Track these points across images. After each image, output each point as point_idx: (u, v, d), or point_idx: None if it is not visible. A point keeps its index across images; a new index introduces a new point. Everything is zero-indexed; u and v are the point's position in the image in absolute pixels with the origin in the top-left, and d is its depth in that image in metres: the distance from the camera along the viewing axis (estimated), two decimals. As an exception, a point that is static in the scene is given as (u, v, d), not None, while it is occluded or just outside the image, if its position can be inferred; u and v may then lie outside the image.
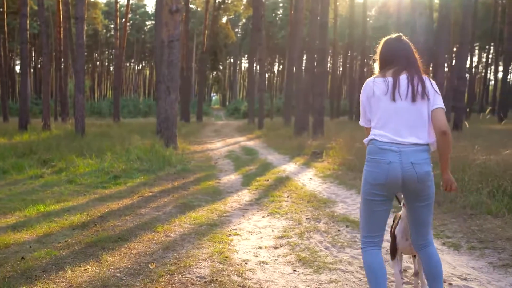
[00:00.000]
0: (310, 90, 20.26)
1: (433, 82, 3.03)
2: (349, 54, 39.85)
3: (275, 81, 75.60)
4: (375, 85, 3.00)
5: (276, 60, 75.23)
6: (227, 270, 4.06)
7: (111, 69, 75.72)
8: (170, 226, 5.56)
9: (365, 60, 35.42)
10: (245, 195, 7.90)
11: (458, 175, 7.38)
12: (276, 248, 4.85)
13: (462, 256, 4.60)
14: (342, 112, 44.18)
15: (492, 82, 52.30)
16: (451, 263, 4.38)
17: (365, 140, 3.06)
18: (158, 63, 21.55)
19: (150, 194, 7.86)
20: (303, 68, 22.62)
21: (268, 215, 6.38)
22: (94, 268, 4.01)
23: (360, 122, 3.19)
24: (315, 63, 19.18)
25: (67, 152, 12.36)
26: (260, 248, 4.84)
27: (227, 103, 73.67)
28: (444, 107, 2.96)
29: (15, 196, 7.68)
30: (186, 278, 3.82)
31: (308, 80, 20.07)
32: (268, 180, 9.34)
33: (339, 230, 5.48)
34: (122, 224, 5.72)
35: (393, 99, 2.93)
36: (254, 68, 31.93)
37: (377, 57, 3.16)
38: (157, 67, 22.25)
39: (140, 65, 76.57)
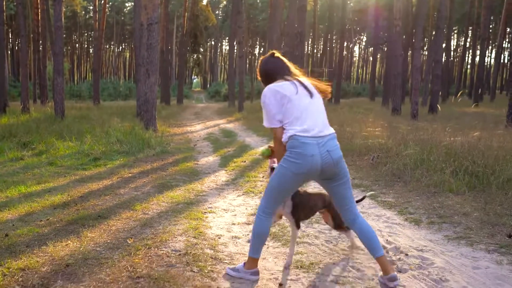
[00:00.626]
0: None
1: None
2: (329, 37, 40.08)
3: (256, 64, 75.52)
4: (282, 88, 3.38)
5: (257, 43, 75.16)
6: (201, 244, 4.34)
7: (91, 52, 74.94)
8: (148, 205, 5.81)
9: (345, 43, 35.69)
10: (222, 176, 8.16)
11: (424, 155, 7.76)
12: (248, 224, 5.13)
13: (421, 230, 4.93)
14: (322, 95, 44.40)
15: (470, 66, 53.13)
16: (410, 236, 4.71)
17: (285, 137, 3.34)
18: (138, 46, 21.55)
19: (130, 175, 8.08)
20: (282, 51, 22.77)
21: (243, 194, 6.66)
22: (75, 243, 4.25)
23: (265, 124, 3.47)
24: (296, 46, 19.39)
25: (47, 134, 12.46)
26: (233, 224, 5.13)
27: (208, 86, 73.57)
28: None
29: (-5, 178, 7.83)
30: (162, 252, 4.08)
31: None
32: (245, 161, 9.61)
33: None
34: (102, 203, 5.94)
35: (304, 98, 3.39)
36: (235, 51, 31.96)
37: (261, 75, 3.63)
38: (137, 49, 22.25)
39: (120, 48, 75.80)
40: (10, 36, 57.76)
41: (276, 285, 3.50)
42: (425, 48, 50.44)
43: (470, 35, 53.98)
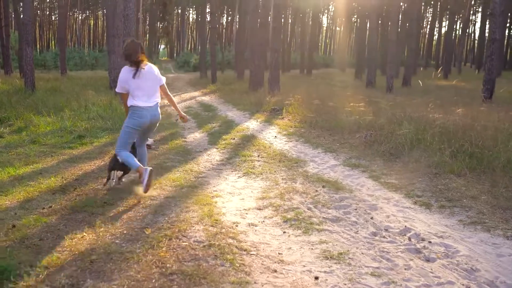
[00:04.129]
0: (266, 45, 20.25)
1: (155, 67, 5.48)
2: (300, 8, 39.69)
3: (223, 33, 74.41)
4: (127, 71, 5.26)
5: (225, 11, 73.88)
6: (221, 234, 4.22)
7: (53, 19, 72.19)
8: (152, 189, 5.63)
9: (320, 15, 35.41)
10: (215, 155, 8.01)
11: (421, 134, 7.78)
12: (260, 209, 5.03)
13: (434, 214, 4.94)
14: (292, 66, 44.40)
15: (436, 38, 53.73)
16: (425, 221, 4.71)
17: (129, 103, 5.34)
18: (111, 15, 20.84)
19: (121, 154, 7.82)
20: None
21: (243, 176, 6.54)
22: (91, 235, 4.06)
23: (117, 90, 5.44)
24: (270, 18, 19.13)
25: (23, 109, 11.97)
26: (245, 210, 5.02)
27: (175, 55, 72.20)
28: (164, 82, 5.56)
29: (-22, 158, 7.46)
30: (185, 243, 3.95)
31: (263, 35, 20.00)
32: (234, 139, 9.46)
33: (316, 191, 5.72)
34: (102, 187, 5.73)
35: (137, 79, 5.22)
36: (207, 20, 31.30)
37: (123, 54, 5.38)
38: (109, 19, 21.53)
39: (84, 15, 73.17)
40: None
41: (311, 278, 3.43)
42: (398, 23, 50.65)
43: (438, 8, 54.41)
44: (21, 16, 20.70)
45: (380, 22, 37.41)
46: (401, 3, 40.05)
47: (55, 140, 8.89)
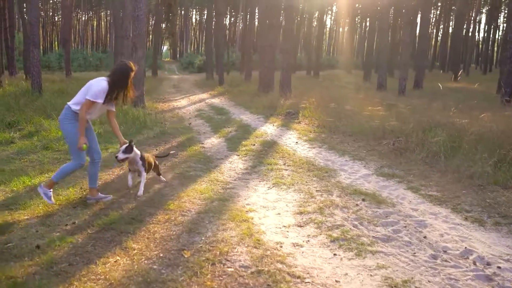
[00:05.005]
0: (276, 46, 19.86)
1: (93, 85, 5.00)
2: (306, 9, 39.31)
3: (227, 34, 73.96)
4: None
5: (227, 12, 73.47)
6: (267, 257, 3.82)
7: (56, 20, 71.78)
8: (180, 203, 5.23)
9: (324, 17, 35.05)
10: (238, 162, 7.61)
11: (457, 142, 7.38)
12: (301, 227, 4.63)
13: (490, 233, 4.54)
14: (298, 67, 43.99)
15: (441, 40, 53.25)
16: (484, 241, 4.31)
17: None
18: (119, 16, 20.47)
19: (139, 162, 7.43)
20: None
21: (273, 186, 6.14)
22: (124, 259, 3.66)
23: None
24: (282, 20, 18.74)
25: (32, 113, 11.59)
26: (285, 227, 4.61)
27: (177, 56, 71.84)
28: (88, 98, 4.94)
29: (-10, 166, 7.07)
30: (230, 269, 3.55)
31: (273, 36, 19.61)
32: (254, 145, 9.06)
33: (357, 205, 5.32)
34: (125, 200, 5.34)
35: None
36: (214, 21, 30.89)
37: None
38: (117, 21, 21.14)
39: (86, 16, 72.72)
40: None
41: (380, 314, 3.03)
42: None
43: (442, 9, 54.05)
44: (26, 17, 20.26)
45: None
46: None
47: (67, 146, 8.46)
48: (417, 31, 26.13)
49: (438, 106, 13.33)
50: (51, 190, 5.14)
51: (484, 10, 63.01)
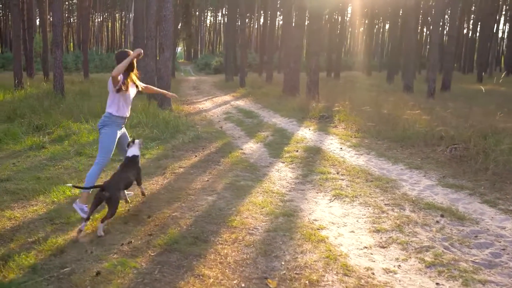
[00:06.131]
0: (301, 47, 19.34)
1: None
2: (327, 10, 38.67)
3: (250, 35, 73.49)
4: None
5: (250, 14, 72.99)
6: (363, 287, 3.30)
7: (71, 21, 71.76)
8: (242, 218, 4.72)
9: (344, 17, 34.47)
10: (286, 171, 7.08)
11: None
12: (384, 247, 4.11)
13: None
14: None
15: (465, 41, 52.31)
16: None
17: None
18: (139, 17, 20.06)
19: (182, 170, 6.95)
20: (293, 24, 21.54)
21: (334, 199, 5.62)
22: (203, 291, 3.17)
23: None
24: (307, 20, 18.20)
25: (58, 115, 11.18)
26: (366, 248, 4.09)
27: (192, 57, 71.51)
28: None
29: (24, 173, 6.64)
30: (329, 304, 3.03)
31: (299, 38, 19.09)
32: (297, 151, 8.54)
33: (437, 222, 4.77)
34: (180, 215, 4.84)
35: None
36: (237, 23, 30.38)
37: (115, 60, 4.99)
38: (138, 21, 20.73)
39: (102, 17, 72.52)
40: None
41: None
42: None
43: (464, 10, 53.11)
44: (51, 18, 19.89)
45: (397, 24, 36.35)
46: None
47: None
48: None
49: (479, 110, 12.72)
50: (87, 205, 4.73)
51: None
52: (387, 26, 68.02)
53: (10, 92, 16.62)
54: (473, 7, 46.08)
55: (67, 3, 68.51)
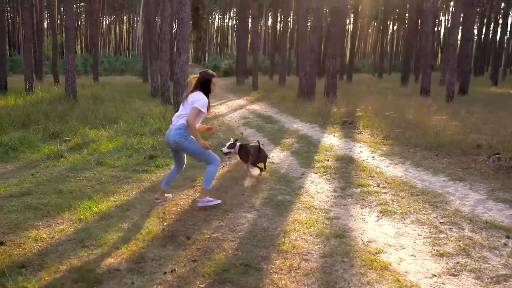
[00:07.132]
0: (317, 50, 18.93)
1: (197, 94, 5.28)
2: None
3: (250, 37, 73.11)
4: None
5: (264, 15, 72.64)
6: (451, 330, 2.88)
7: (79, 24, 71.63)
8: (291, 241, 4.30)
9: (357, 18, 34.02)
10: (321, 183, 6.66)
11: None
12: (455, 276, 3.68)
13: None
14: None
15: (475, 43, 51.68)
16: None
17: None
18: (151, 19, 19.70)
19: (212, 182, 6.52)
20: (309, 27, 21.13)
21: (382, 215, 5.19)
22: (271, 335, 2.75)
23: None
24: (325, 23, 17.77)
25: (74, 121, 10.81)
26: (435, 276, 3.67)
27: (199, 60, 71.20)
28: (196, 107, 5.14)
29: (45, 186, 6.26)
30: None
31: (315, 40, 18.67)
32: (328, 160, 8.12)
33: (505, 244, 4.34)
34: (222, 236, 4.42)
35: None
36: (249, 25, 29.96)
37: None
38: (150, 24, 20.40)
39: (109, 20, 72.34)
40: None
41: None
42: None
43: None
44: (64, 22, 19.54)
45: (399, 25, 35.84)
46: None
47: (124, 162, 7.66)
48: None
49: (507, 116, 12.28)
50: (208, 197, 5.40)
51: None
52: (395, 28, 67.60)
53: (21, 96, 16.31)
54: (487, 10, 45.49)
55: (75, 6, 68.40)
